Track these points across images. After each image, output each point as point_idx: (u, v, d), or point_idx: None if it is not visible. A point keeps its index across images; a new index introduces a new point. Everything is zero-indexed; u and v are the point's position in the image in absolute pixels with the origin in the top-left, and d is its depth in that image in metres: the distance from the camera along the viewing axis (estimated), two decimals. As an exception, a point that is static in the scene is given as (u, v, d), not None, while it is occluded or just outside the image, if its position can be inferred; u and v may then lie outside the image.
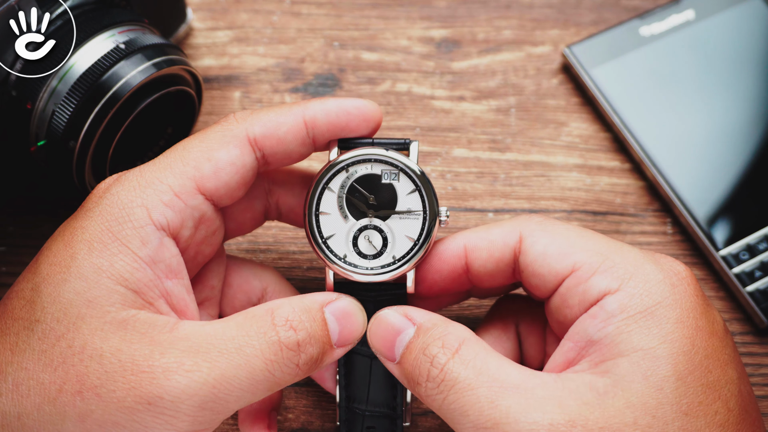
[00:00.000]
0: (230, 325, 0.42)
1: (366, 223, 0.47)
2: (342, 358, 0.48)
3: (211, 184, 0.45)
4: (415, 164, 0.47)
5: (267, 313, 0.43)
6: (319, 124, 0.47)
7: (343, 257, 0.47)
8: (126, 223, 0.43)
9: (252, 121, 0.46)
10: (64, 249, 0.43)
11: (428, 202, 0.46)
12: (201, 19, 0.64)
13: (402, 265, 0.46)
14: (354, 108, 0.47)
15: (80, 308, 0.41)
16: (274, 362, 0.42)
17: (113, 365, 0.40)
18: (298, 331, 0.42)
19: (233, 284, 0.51)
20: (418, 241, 0.46)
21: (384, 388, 0.48)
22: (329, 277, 0.47)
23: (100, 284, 0.42)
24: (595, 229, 0.58)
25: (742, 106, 0.61)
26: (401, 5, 0.65)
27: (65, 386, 0.40)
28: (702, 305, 0.43)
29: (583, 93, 0.63)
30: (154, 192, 0.44)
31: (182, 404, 0.40)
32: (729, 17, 0.63)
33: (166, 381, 0.40)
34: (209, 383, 0.40)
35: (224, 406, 0.41)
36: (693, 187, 0.58)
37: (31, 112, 0.50)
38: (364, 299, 0.47)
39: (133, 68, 0.50)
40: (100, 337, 0.41)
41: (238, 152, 0.46)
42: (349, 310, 0.45)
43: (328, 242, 0.47)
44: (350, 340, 0.45)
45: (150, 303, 0.43)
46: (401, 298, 0.47)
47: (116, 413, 0.40)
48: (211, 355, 0.41)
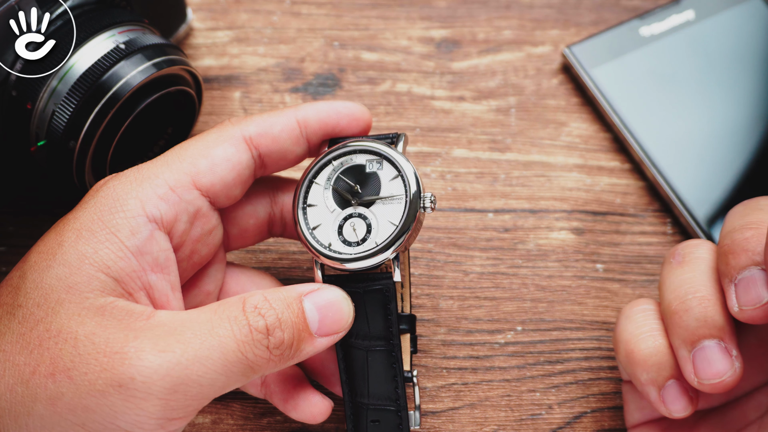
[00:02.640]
0: (204, 311, 0.43)
1: (351, 212, 0.47)
2: (341, 353, 0.48)
3: (207, 180, 0.46)
4: (397, 151, 0.47)
5: (239, 300, 0.43)
6: (311, 123, 0.49)
7: (328, 246, 0.47)
8: (118, 213, 0.44)
9: (247, 122, 0.48)
10: (54, 238, 0.44)
11: (409, 186, 0.47)
12: (201, 19, 0.64)
13: (384, 249, 0.46)
14: (344, 108, 0.49)
15: (60, 293, 0.42)
16: (245, 343, 0.42)
17: (86, 348, 0.41)
18: (267, 316, 0.43)
19: (230, 292, 0.51)
20: (400, 225, 0.46)
21: (383, 381, 0.48)
22: (317, 273, 0.47)
23: (82, 271, 0.42)
24: (595, 230, 0.58)
25: (742, 106, 0.61)
26: (401, 5, 0.65)
27: (39, 368, 0.41)
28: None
29: (583, 93, 0.63)
30: (149, 186, 0.45)
31: (153, 385, 0.40)
32: (729, 17, 0.63)
33: (138, 361, 0.40)
34: (182, 363, 0.40)
35: (198, 390, 0.41)
36: (693, 187, 0.59)
37: (31, 112, 0.50)
38: (352, 291, 0.47)
39: (133, 68, 0.50)
40: (77, 322, 0.41)
41: (233, 149, 0.47)
42: (331, 299, 0.45)
43: (314, 232, 0.47)
44: (334, 330, 0.45)
45: (130, 293, 0.43)
46: (389, 288, 0.47)
47: (87, 397, 0.40)
48: (185, 336, 0.41)
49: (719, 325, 0.44)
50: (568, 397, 0.54)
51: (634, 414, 0.51)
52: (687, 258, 0.47)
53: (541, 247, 0.58)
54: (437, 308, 0.56)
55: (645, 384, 0.47)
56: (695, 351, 0.45)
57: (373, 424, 0.49)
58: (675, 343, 0.46)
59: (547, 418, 0.54)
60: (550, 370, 0.55)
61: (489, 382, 0.55)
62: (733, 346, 0.44)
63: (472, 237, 0.58)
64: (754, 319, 0.44)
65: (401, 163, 0.47)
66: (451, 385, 0.54)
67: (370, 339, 0.47)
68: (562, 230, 0.59)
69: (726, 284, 0.44)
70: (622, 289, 0.57)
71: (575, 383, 0.55)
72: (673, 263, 0.48)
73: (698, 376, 0.44)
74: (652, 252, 0.58)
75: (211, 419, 0.53)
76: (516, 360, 0.55)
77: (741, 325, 0.47)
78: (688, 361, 0.45)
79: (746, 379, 0.48)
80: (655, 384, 0.46)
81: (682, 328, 0.45)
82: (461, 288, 0.57)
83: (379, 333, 0.47)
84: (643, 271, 0.57)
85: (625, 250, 0.58)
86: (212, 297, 0.50)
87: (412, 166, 0.47)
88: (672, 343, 0.46)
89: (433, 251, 0.58)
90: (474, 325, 0.56)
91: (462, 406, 0.54)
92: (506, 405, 0.54)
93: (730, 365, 0.44)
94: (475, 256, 0.58)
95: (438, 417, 0.54)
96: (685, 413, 0.46)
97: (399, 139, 0.49)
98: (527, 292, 0.57)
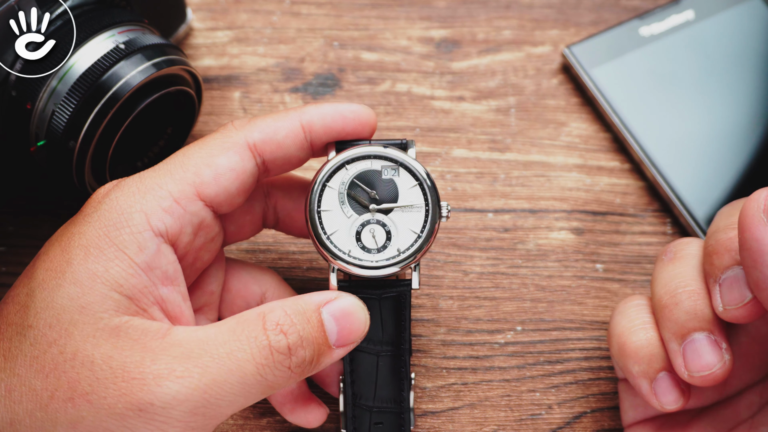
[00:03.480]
0: (222, 330, 0.42)
1: (368, 218, 0.46)
2: (348, 357, 0.48)
3: (211, 190, 0.45)
4: (414, 159, 0.47)
5: (258, 318, 0.42)
6: (316, 128, 0.47)
7: (348, 252, 0.46)
8: (124, 229, 0.43)
9: (251, 127, 0.47)
10: (61, 254, 0.43)
11: (431, 196, 0.46)
12: (201, 19, 0.64)
13: (408, 258, 0.46)
14: (350, 112, 0.48)
15: (73, 314, 0.41)
16: (265, 366, 0.41)
17: (104, 372, 0.40)
18: (289, 335, 0.42)
19: (232, 289, 0.51)
20: (422, 234, 0.46)
21: (391, 384, 0.48)
22: (332, 279, 0.47)
23: (94, 290, 0.42)
24: (594, 230, 0.58)
25: (742, 106, 0.61)
26: (401, 5, 0.65)
27: (57, 393, 0.40)
28: None
29: (583, 93, 0.63)
30: (153, 198, 0.44)
31: (173, 410, 0.40)
32: (729, 17, 0.63)
33: (157, 387, 0.40)
34: (200, 388, 0.40)
35: (217, 411, 0.41)
36: (693, 187, 0.58)
37: (31, 112, 0.50)
38: (368, 297, 0.46)
39: (133, 68, 0.50)
40: (92, 344, 0.41)
41: (238, 158, 0.46)
42: (348, 309, 0.44)
43: (332, 238, 0.46)
44: (351, 340, 0.44)
45: (144, 309, 0.42)
46: (405, 295, 0.47)
47: (107, 419, 0.40)
48: (203, 361, 0.41)
49: (708, 318, 0.45)
50: (568, 397, 0.54)
51: (629, 412, 0.51)
52: (678, 255, 0.48)
53: (540, 247, 0.58)
54: (437, 308, 0.56)
55: (637, 376, 0.47)
56: (685, 344, 0.45)
57: (377, 426, 0.49)
58: (665, 337, 0.46)
59: (547, 418, 0.54)
60: (550, 370, 0.55)
61: (489, 382, 0.55)
62: (723, 339, 0.45)
63: (471, 237, 0.58)
64: (738, 319, 0.44)
65: (420, 172, 0.47)
66: (451, 385, 0.54)
67: (382, 344, 0.48)
68: (562, 230, 0.59)
69: (711, 284, 0.45)
70: (622, 289, 0.57)
71: (575, 383, 0.55)
72: (664, 260, 0.48)
73: (688, 368, 0.45)
74: (652, 252, 0.58)
75: (211, 419, 0.53)
76: (516, 360, 0.55)
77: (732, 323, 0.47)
78: (678, 354, 0.45)
79: (738, 378, 0.48)
80: (647, 376, 0.46)
81: (672, 321, 0.45)
82: (461, 288, 0.57)
83: (391, 338, 0.47)
84: (643, 271, 0.57)
85: (625, 250, 0.58)
86: (215, 297, 0.50)
87: (430, 175, 0.47)
88: (663, 336, 0.46)
89: (433, 251, 0.58)
90: (474, 325, 0.56)
91: (462, 406, 0.54)
92: (506, 405, 0.54)
93: (719, 358, 0.44)
94: (475, 256, 0.58)
95: (438, 417, 0.54)
96: (676, 406, 0.46)
97: (410, 145, 0.48)
98: (527, 292, 0.57)
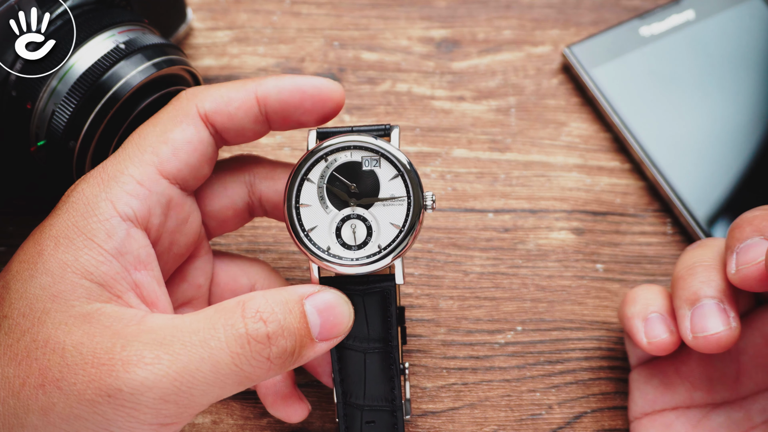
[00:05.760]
0: (198, 318, 0.41)
1: (349, 213, 0.45)
2: (335, 354, 0.47)
3: (172, 167, 0.45)
4: (396, 149, 0.45)
5: (238, 305, 0.42)
6: (271, 101, 0.46)
7: (327, 249, 0.45)
8: (91, 217, 0.43)
9: (203, 96, 0.46)
10: (33, 246, 0.43)
11: (412, 187, 0.45)
12: (201, 19, 0.64)
13: (389, 254, 0.44)
14: (311, 87, 0.46)
15: (45, 303, 0.41)
16: (241, 355, 0.41)
17: (74, 358, 0.40)
18: (269, 323, 0.41)
19: (220, 283, 0.51)
20: (404, 228, 0.45)
21: (381, 382, 0.47)
22: (314, 272, 0.45)
23: (65, 279, 0.42)
24: (594, 230, 0.58)
25: (742, 106, 0.61)
26: (401, 5, 0.65)
27: (28, 380, 0.41)
28: None
29: (583, 93, 0.63)
30: (117, 184, 0.44)
31: (142, 396, 0.40)
32: (729, 17, 0.63)
33: (125, 373, 0.40)
34: (170, 376, 0.40)
35: (190, 400, 0.40)
36: (693, 187, 0.59)
37: (31, 112, 0.50)
38: (351, 293, 0.45)
39: (133, 68, 0.50)
40: (64, 331, 0.41)
41: (192, 129, 0.45)
42: (332, 302, 0.43)
43: (311, 235, 0.45)
44: (334, 334, 0.43)
45: (118, 296, 0.43)
46: (390, 291, 0.46)
47: (78, 406, 0.40)
48: (174, 348, 0.40)
49: (721, 288, 0.46)
50: (568, 397, 0.54)
51: (639, 402, 0.50)
52: (703, 243, 0.49)
53: (541, 247, 0.58)
54: (437, 308, 0.56)
55: (631, 317, 0.48)
56: (694, 309, 0.46)
57: (368, 425, 0.48)
58: (677, 305, 0.47)
59: (547, 418, 0.54)
60: (550, 370, 0.55)
61: (489, 382, 0.55)
62: (732, 308, 0.45)
63: (472, 237, 0.58)
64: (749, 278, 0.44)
65: (401, 162, 0.45)
66: (451, 385, 0.54)
67: (368, 341, 0.47)
68: (562, 230, 0.59)
69: (728, 255, 0.46)
70: (622, 289, 0.57)
71: (575, 383, 0.55)
72: (688, 249, 0.50)
73: (694, 330, 0.45)
74: (652, 252, 0.58)
75: (211, 419, 0.53)
76: (516, 360, 0.55)
77: (747, 324, 0.48)
78: (686, 317, 0.46)
79: (752, 380, 0.48)
80: (641, 316, 0.48)
81: (685, 289, 0.46)
82: (461, 288, 0.57)
83: (378, 335, 0.47)
84: (643, 271, 0.57)
85: (625, 250, 0.58)
86: (203, 290, 0.50)
87: (412, 165, 0.45)
88: (675, 305, 0.47)
89: (433, 251, 0.58)
90: (474, 325, 0.56)
91: (462, 406, 0.54)
92: (506, 405, 0.54)
93: (726, 323, 0.45)
94: (475, 256, 0.58)
95: (438, 417, 0.54)
96: (662, 338, 0.47)
97: (392, 131, 0.46)
98: (527, 292, 0.57)
